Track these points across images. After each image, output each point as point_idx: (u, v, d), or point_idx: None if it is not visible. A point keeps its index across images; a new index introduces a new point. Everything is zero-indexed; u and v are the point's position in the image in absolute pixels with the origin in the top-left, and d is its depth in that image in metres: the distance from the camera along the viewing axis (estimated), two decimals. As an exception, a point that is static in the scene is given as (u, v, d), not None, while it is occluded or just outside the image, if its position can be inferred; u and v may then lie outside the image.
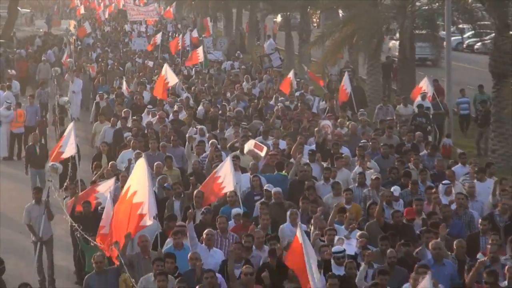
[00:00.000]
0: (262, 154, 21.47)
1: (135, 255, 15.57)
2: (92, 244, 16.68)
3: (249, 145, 21.90)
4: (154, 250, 15.75)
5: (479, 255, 15.02)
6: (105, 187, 18.64)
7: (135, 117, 26.52)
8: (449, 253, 14.97)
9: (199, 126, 24.82)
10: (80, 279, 18.31)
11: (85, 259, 17.56)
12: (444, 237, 15.35)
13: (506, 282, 13.60)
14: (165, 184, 19.52)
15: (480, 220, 16.44)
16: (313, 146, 22.57)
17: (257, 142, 22.25)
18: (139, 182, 14.80)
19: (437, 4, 35.00)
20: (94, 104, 31.93)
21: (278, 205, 17.96)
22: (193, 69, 39.25)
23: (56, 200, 19.97)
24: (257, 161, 21.18)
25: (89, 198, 18.78)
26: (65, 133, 21.62)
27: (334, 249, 14.86)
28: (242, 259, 14.94)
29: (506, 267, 13.90)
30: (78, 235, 17.58)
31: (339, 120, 25.47)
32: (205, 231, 15.82)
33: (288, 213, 16.93)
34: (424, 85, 30.23)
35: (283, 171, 20.39)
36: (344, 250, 14.87)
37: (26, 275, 19.67)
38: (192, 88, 32.94)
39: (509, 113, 27.06)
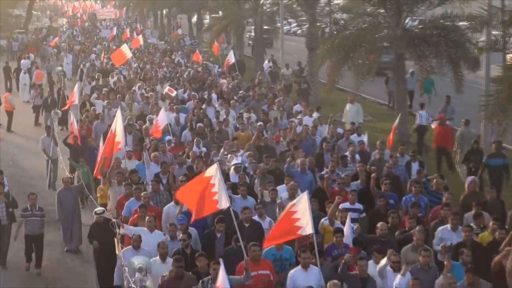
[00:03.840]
0: (173, 95, 19.16)
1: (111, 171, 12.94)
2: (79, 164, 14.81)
3: (165, 89, 19.41)
4: None
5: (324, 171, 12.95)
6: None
7: (105, 79, 23.94)
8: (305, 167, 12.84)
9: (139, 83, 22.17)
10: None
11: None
12: (303, 155, 13.20)
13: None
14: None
15: (323, 143, 14.54)
16: (214, 96, 20.20)
17: (170, 88, 19.82)
18: (118, 128, 12.58)
19: (275, 7, 32.83)
20: (79, 70, 29.08)
21: (201, 134, 15.54)
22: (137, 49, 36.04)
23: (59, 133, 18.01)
24: (170, 100, 18.79)
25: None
26: (74, 90, 19.30)
27: (234, 162, 12.80)
28: (167, 172, 12.51)
29: (343, 174, 12.20)
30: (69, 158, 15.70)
31: (227, 79, 23.18)
32: (152, 154, 13.62)
33: None
34: None
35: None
36: (242, 163, 12.74)
37: (39, 167, 17.66)
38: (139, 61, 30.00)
39: (316, 71, 25.48)
